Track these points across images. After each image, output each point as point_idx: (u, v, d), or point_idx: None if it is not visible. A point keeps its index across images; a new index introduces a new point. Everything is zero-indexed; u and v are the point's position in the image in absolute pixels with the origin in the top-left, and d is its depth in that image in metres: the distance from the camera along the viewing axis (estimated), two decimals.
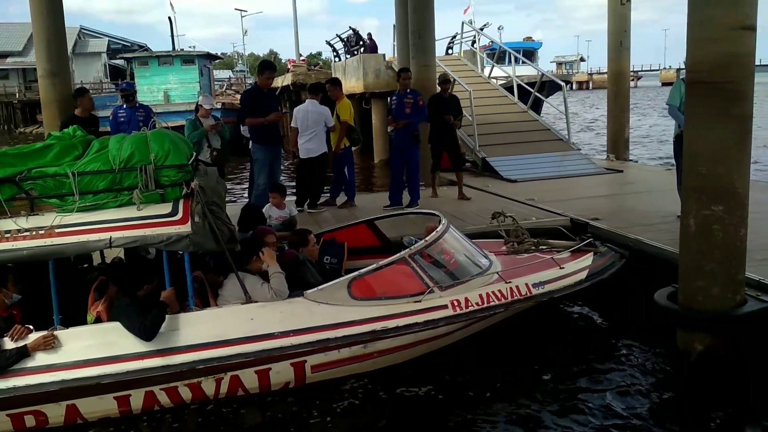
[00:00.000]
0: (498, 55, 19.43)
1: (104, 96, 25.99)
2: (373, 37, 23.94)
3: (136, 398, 4.41)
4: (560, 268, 5.55)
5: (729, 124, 4.58)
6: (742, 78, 4.58)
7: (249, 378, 4.58)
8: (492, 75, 17.82)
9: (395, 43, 16.89)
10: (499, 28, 36.12)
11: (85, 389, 4.25)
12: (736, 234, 4.71)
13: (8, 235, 4.29)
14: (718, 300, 4.77)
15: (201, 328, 4.48)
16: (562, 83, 14.70)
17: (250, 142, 8.54)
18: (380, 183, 15.33)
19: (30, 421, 4.32)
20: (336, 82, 9.46)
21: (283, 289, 4.70)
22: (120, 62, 46.39)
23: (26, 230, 4.30)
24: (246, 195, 10.65)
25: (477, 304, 5.03)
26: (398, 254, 5.13)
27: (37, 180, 4.45)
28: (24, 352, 4.22)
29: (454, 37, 20.85)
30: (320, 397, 4.69)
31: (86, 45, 50.52)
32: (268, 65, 8.83)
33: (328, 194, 9.70)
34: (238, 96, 21.76)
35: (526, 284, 5.27)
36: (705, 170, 4.67)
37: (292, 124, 9.04)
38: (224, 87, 35.79)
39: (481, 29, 22.05)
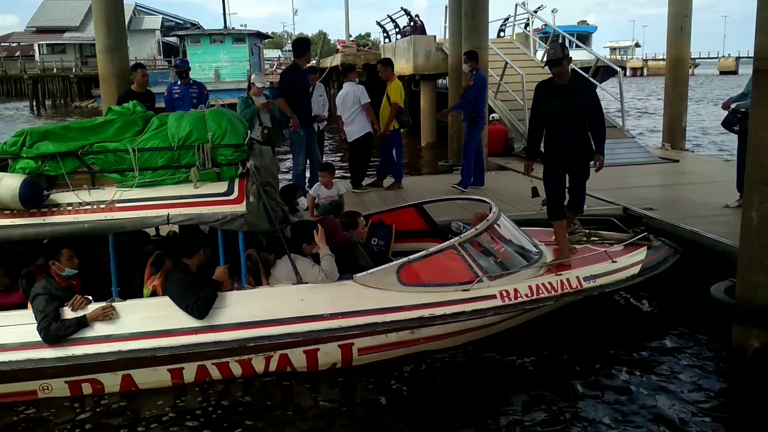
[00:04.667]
0: (551, 39, 18.98)
1: (156, 73, 26.45)
2: (420, 18, 23.74)
3: (189, 371, 4.53)
4: (613, 261, 5.43)
5: None
6: None
7: (297, 357, 4.64)
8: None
9: (447, 24, 16.66)
10: (552, 11, 35.15)
11: (141, 361, 4.38)
12: None
13: (70, 207, 4.41)
14: None
15: (253, 306, 4.56)
16: (618, 69, 14.27)
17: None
18: (427, 166, 15.25)
19: (87, 389, 4.48)
20: (388, 63, 9.42)
21: (333, 272, 4.73)
22: (173, 39, 47.15)
23: (87, 204, 4.42)
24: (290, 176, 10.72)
25: (526, 295, 4.97)
26: (448, 242, 5.11)
27: (99, 155, 4.56)
28: (83, 322, 4.36)
29: (507, 19, 20.48)
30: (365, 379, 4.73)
31: (141, 22, 51.52)
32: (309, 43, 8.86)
33: (375, 175, 9.73)
34: None
35: (577, 277, 5.18)
36: None
37: (337, 113, 9.13)
38: (274, 66, 36.02)
39: (535, 12, 21.53)
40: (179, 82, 8.97)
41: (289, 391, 4.61)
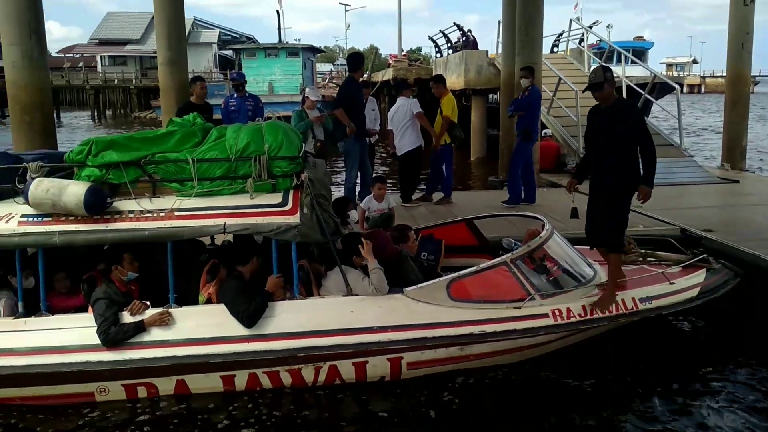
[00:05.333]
0: (606, 54, 18.69)
1: (212, 85, 27.13)
2: (472, 33, 23.74)
3: (240, 378, 4.59)
4: (670, 283, 5.28)
5: None
6: None
7: (346, 369, 4.66)
8: None
9: (500, 39, 16.59)
10: (608, 27, 34.47)
11: (195, 366, 4.47)
12: None
13: (132, 215, 4.55)
14: None
15: (304, 317, 4.61)
16: (676, 85, 13.94)
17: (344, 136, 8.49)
18: (476, 181, 15.17)
19: (142, 392, 4.59)
20: (440, 80, 9.47)
21: (382, 285, 4.73)
22: (229, 53, 48.26)
23: (148, 212, 4.56)
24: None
25: (579, 315, 4.88)
26: (499, 258, 5.06)
27: (160, 164, 4.70)
28: (140, 327, 4.47)
29: (560, 34, 20.27)
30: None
31: (199, 35, 52.97)
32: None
33: (425, 189, 9.73)
34: None
35: (633, 298, 5.06)
36: None
37: (388, 127, 9.21)
38: (326, 80, 36.53)
39: (590, 27, 21.24)
40: (236, 95, 9.16)
41: (338, 401, 4.63)
